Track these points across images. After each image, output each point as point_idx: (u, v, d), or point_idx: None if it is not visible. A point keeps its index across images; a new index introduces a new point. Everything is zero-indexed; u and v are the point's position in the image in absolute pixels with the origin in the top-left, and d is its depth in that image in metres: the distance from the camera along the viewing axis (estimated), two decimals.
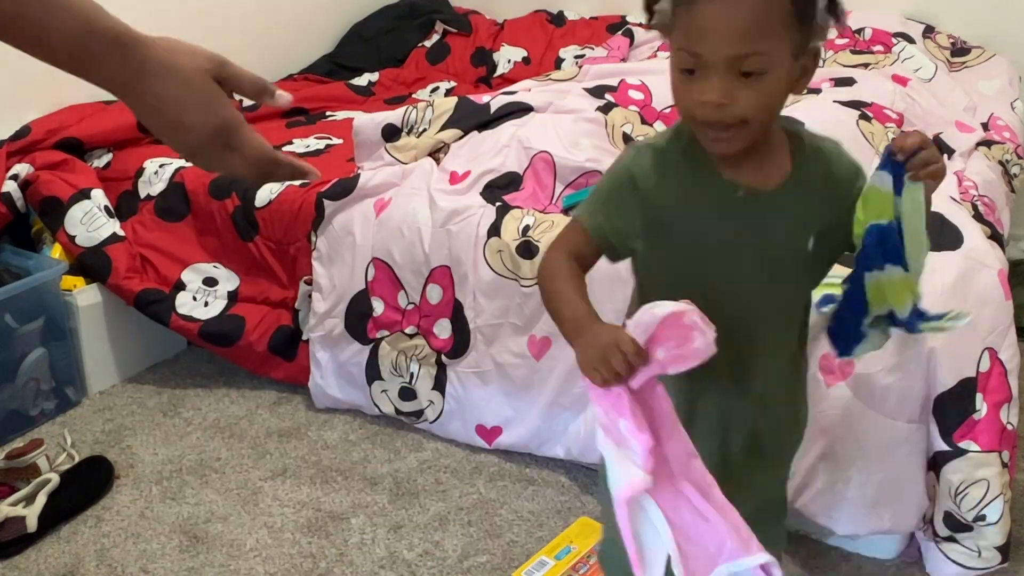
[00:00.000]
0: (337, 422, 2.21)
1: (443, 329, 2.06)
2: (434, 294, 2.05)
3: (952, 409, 1.59)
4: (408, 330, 2.10)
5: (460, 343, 2.05)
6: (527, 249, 1.92)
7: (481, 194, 2.07)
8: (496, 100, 2.34)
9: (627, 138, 2.28)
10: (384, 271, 2.10)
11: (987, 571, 1.66)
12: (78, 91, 2.56)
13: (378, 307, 2.12)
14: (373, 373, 2.16)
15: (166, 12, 2.81)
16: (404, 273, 2.08)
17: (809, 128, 1.14)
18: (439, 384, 2.10)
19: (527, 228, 1.94)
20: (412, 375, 2.12)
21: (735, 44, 0.96)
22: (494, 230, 1.96)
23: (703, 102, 0.99)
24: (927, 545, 1.70)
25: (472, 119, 2.28)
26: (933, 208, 1.80)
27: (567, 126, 2.19)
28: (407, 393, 2.14)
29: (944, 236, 1.76)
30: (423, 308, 2.07)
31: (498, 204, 2.02)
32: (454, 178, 2.13)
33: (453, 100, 2.34)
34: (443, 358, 2.08)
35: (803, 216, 1.11)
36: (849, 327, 1.18)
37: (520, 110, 2.29)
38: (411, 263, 2.06)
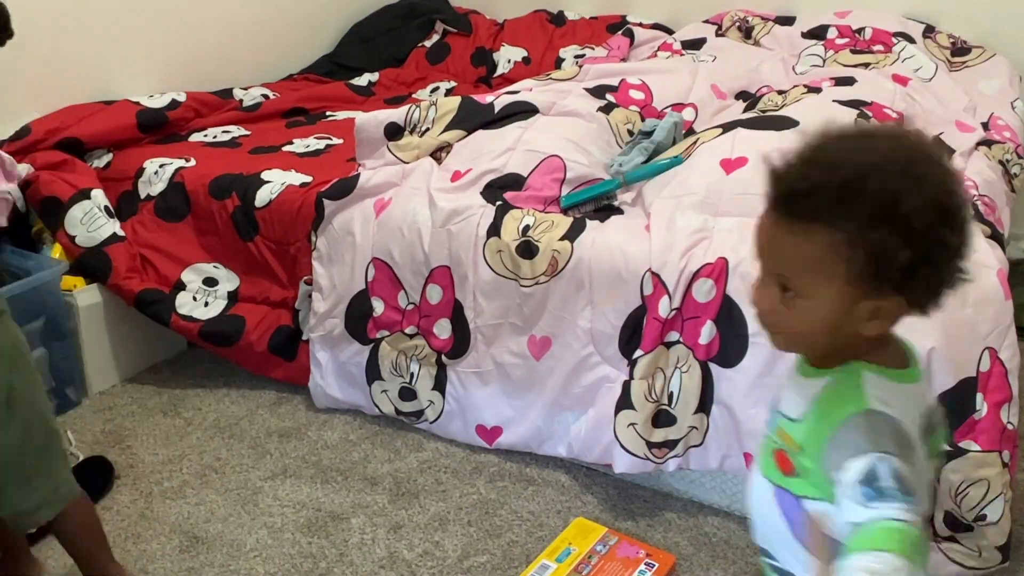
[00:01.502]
0: (337, 422, 2.21)
1: (443, 329, 2.06)
2: (434, 294, 2.05)
3: (952, 409, 1.59)
4: (408, 330, 2.10)
5: (460, 343, 2.05)
6: (527, 249, 1.91)
7: (482, 193, 2.07)
8: (500, 100, 2.33)
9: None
10: (384, 271, 2.10)
11: (987, 571, 1.66)
12: (78, 91, 2.56)
13: (378, 307, 2.11)
14: (373, 373, 2.16)
15: (168, 12, 2.81)
16: (404, 273, 2.08)
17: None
18: (439, 384, 2.10)
19: (527, 228, 1.94)
20: (412, 375, 2.12)
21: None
22: (494, 230, 1.96)
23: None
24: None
25: (476, 120, 2.28)
26: None
27: (572, 129, 2.18)
28: (407, 393, 2.14)
29: None
30: (423, 308, 2.07)
31: (498, 204, 2.02)
32: (456, 176, 2.13)
33: (457, 100, 2.33)
34: (443, 358, 2.08)
35: None
36: None
37: (525, 111, 2.28)
38: (411, 263, 2.06)
